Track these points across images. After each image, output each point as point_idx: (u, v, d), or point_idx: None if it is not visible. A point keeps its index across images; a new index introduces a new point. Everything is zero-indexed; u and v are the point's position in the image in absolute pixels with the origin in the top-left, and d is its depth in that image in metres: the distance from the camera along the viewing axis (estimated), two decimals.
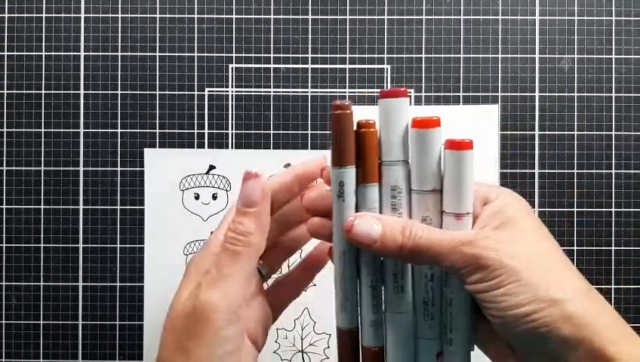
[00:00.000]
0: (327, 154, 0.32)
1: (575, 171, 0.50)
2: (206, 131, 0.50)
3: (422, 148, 0.29)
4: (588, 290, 0.27)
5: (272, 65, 0.51)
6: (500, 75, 0.51)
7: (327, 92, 0.50)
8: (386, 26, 0.51)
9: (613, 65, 0.51)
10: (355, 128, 0.29)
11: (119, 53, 0.50)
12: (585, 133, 0.51)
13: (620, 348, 0.25)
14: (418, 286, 0.30)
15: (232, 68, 0.51)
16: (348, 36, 0.51)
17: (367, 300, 0.30)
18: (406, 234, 0.27)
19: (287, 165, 0.50)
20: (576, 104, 0.51)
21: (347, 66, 0.51)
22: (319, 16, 0.51)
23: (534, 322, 0.25)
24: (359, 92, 0.51)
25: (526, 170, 0.50)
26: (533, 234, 0.28)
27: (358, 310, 0.31)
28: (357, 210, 0.30)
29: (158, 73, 0.50)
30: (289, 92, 0.51)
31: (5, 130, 0.50)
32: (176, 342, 0.28)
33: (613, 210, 0.50)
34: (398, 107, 0.29)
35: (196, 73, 0.50)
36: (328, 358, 0.49)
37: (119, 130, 0.50)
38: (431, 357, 0.30)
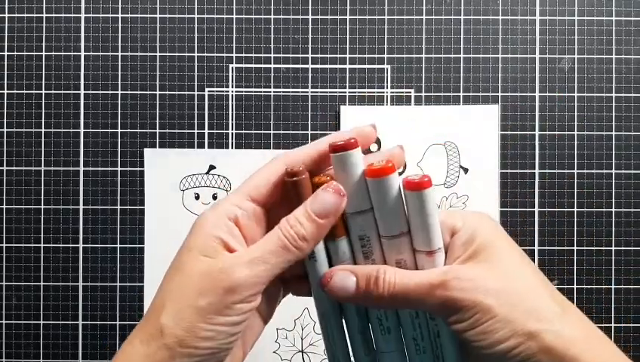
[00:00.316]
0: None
1: (575, 171, 0.50)
2: (206, 131, 0.50)
3: (381, 197, 0.28)
4: (566, 313, 0.27)
5: (272, 65, 0.51)
6: (500, 75, 0.51)
7: (327, 92, 0.50)
8: (386, 26, 0.51)
9: (614, 65, 0.51)
10: (312, 185, 0.29)
11: (119, 53, 0.50)
12: (585, 133, 0.51)
13: None
14: (405, 325, 0.31)
15: (232, 68, 0.51)
16: (348, 36, 0.51)
17: (358, 346, 0.31)
18: (380, 284, 0.28)
19: None
20: (576, 104, 0.51)
21: (347, 66, 0.51)
22: (319, 16, 0.51)
23: (516, 357, 0.26)
24: (359, 92, 0.51)
25: (526, 170, 0.50)
26: (504, 262, 0.27)
27: (349, 357, 0.32)
28: (331, 265, 0.30)
29: (158, 73, 0.50)
30: (289, 92, 0.51)
31: (5, 130, 0.50)
32: (185, 299, 0.27)
33: (613, 210, 0.50)
34: (350, 159, 0.28)
35: (196, 73, 0.50)
36: None
37: (119, 130, 0.50)
38: None
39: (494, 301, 0.26)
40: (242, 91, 0.50)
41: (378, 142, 0.50)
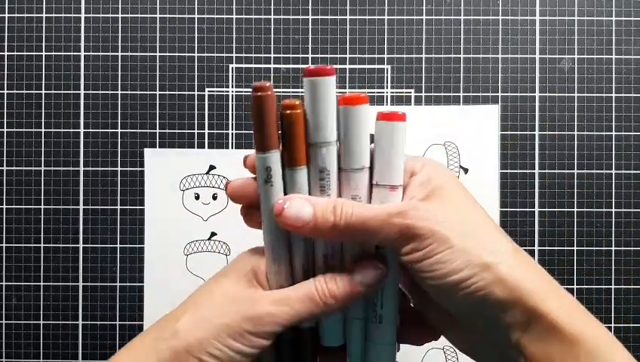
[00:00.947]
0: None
1: (575, 171, 0.50)
2: (206, 131, 0.50)
3: (350, 126, 0.28)
4: (517, 252, 0.27)
5: (272, 66, 0.51)
6: (500, 75, 0.51)
7: None
8: (386, 26, 0.51)
9: (613, 66, 0.51)
10: (279, 109, 0.28)
11: (119, 53, 0.50)
12: (585, 133, 0.51)
13: (550, 303, 0.25)
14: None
15: (232, 68, 0.51)
16: (348, 36, 0.51)
17: (299, 281, 0.30)
18: (337, 213, 0.27)
19: None
20: (576, 104, 0.51)
21: (347, 66, 0.51)
22: (319, 17, 0.51)
23: (469, 288, 0.26)
24: (359, 92, 0.50)
25: (526, 170, 0.50)
26: (460, 201, 0.28)
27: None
28: (285, 195, 0.29)
29: (158, 73, 0.50)
30: (289, 92, 0.51)
31: (5, 130, 0.50)
32: (207, 313, 0.28)
33: (613, 210, 0.50)
34: (324, 86, 0.28)
35: (196, 73, 0.50)
36: None
37: (119, 130, 0.50)
38: (358, 336, 0.31)
39: (451, 232, 0.26)
40: (242, 91, 0.50)
41: None
